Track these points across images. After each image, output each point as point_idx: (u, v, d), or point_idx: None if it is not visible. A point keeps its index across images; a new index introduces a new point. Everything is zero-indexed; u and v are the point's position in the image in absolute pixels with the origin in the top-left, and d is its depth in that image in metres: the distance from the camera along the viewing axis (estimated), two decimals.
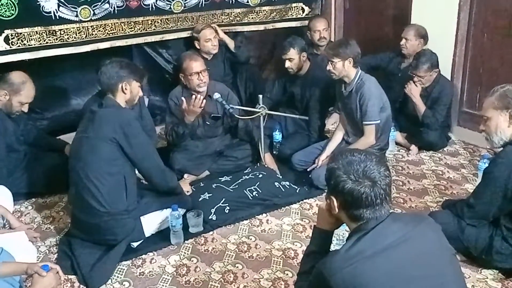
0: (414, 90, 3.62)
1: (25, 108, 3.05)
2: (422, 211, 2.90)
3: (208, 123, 3.34)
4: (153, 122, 3.56)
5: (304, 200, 3.08)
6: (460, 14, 3.78)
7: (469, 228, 2.35)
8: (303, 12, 4.67)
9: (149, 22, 3.88)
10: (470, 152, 3.74)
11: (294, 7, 4.60)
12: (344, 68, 3.11)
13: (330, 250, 1.78)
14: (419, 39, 3.89)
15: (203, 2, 4.07)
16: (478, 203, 2.32)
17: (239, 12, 4.30)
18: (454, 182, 3.29)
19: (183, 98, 3.13)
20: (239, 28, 4.39)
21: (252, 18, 4.41)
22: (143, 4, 3.79)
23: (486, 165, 2.86)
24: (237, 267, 2.47)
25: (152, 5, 3.83)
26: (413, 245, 1.47)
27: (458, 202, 2.51)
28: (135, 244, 2.61)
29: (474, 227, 2.35)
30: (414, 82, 3.60)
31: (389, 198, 1.52)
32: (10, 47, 3.32)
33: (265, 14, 4.45)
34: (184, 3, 3.98)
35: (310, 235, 1.87)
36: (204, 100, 3.10)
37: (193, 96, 3.09)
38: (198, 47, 3.98)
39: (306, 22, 4.53)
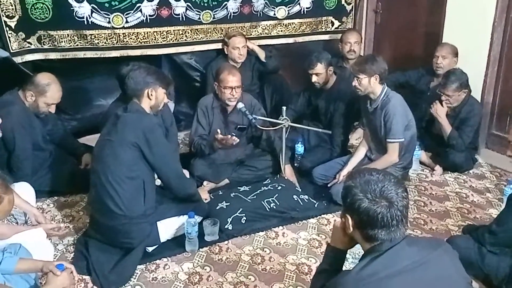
0: (440, 110, 3.54)
1: (52, 109, 3.12)
2: (442, 234, 2.83)
3: (234, 134, 3.35)
4: (176, 127, 3.59)
5: (322, 215, 3.05)
6: (493, 34, 3.70)
7: (490, 255, 2.28)
8: (332, 25, 4.68)
9: (180, 32, 3.94)
10: (496, 176, 3.64)
11: (324, 20, 4.61)
12: (370, 85, 3.08)
13: (343, 269, 1.76)
14: (454, 58, 3.82)
15: (232, 14, 4.12)
16: (501, 230, 2.25)
17: (267, 25, 4.33)
18: (478, 206, 3.20)
19: (218, 130, 3.16)
20: (268, 42, 4.42)
21: (282, 31, 4.44)
22: (174, 13, 3.86)
23: None
24: (250, 279, 2.45)
25: (182, 14, 3.90)
26: (428, 270, 1.44)
27: (479, 227, 2.43)
28: (150, 249, 2.62)
29: (496, 255, 2.27)
30: (441, 101, 3.53)
31: (406, 220, 1.49)
32: (42, 46, 3.43)
33: (294, 27, 4.47)
34: (213, 14, 4.04)
35: None
36: (238, 140, 3.13)
37: (229, 136, 3.11)
38: (226, 52, 4.02)
39: (336, 35, 4.53)
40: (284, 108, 3.35)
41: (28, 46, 3.40)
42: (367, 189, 1.48)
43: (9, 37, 3.30)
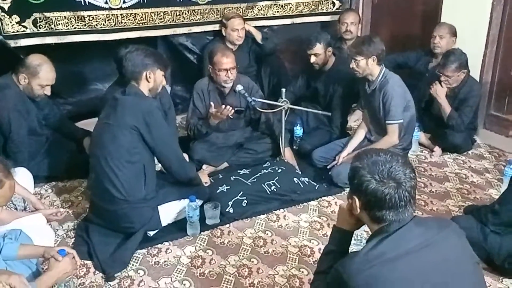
0: (439, 91, 3.53)
1: (47, 91, 3.05)
2: (443, 215, 2.84)
3: (231, 116, 3.32)
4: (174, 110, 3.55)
5: (323, 198, 3.04)
6: (492, 14, 3.66)
7: (493, 235, 2.29)
8: (333, 6, 4.60)
9: (177, 13, 3.88)
10: (495, 156, 3.64)
11: (325, 1, 4.53)
12: (368, 66, 3.05)
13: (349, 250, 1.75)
14: (453, 37, 3.79)
15: None
16: (504, 210, 2.26)
17: (263, 6, 4.26)
18: (477, 187, 3.21)
19: (212, 103, 3.12)
20: (265, 22, 4.34)
21: (278, 11, 4.36)
22: None
23: None
24: (252, 261, 2.45)
25: None
26: (436, 250, 1.44)
27: (482, 207, 2.44)
28: (151, 233, 2.61)
29: (498, 235, 2.28)
30: (440, 82, 3.51)
31: (413, 201, 1.48)
32: (38, 30, 3.35)
33: (291, 7, 4.39)
34: None
35: (327, 233, 1.85)
36: (233, 111, 3.09)
37: (223, 106, 3.07)
38: (224, 34, 3.97)
39: (336, 16, 4.46)
40: (283, 90, 3.32)
41: (24, 30, 3.31)
42: (374, 170, 1.47)
43: (1, 19, 3.22)
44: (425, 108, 3.80)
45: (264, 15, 4.31)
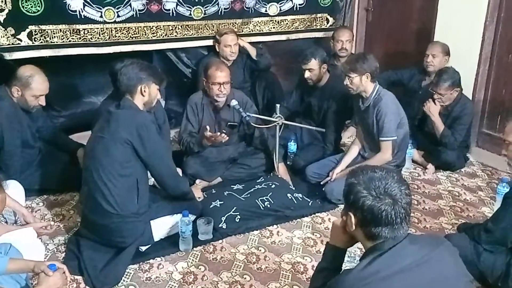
0: (433, 108, 3.55)
1: (42, 101, 3.03)
2: (436, 233, 2.83)
3: (225, 131, 3.32)
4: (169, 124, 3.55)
5: (316, 214, 3.03)
6: (485, 33, 3.71)
7: (486, 253, 2.28)
8: (327, 23, 4.64)
9: (170, 28, 3.89)
10: (488, 174, 3.66)
11: (319, 17, 4.58)
12: (361, 83, 3.07)
13: (342, 268, 1.74)
14: (445, 56, 3.84)
15: (223, 10, 4.07)
16: (497, 228, 2.25)
17: (259, 22, 4.29)
18: (470, 205, 3.21)
19: (207, 127, 3.11)
20: (261, 38, 4.37)
21: (274, 27, 4.39)
22: (164, 8, 3.81)
23: (506, 189, 2.82)
24: (245, 278, 2.43)
25: (172, 10, 3.85)
26: (429, 268, 1.43)
27: (475, 226, 2.44)
28: (143, 248, 2.58)
29: (491, 253, 2.27)
30: (434, 100, 3.54)
31: (409, 218, 1.49)
32: (33, 43, 3.35)
33: (287, 24, 4.43)
34: (204, 10, 3.99)
35: (321, 250, 1.84)
36: (227, 138, 3.09)
37: (218, 133, 3.07)
38: (217, 50, 3.98)
39: (329, 33, 4.51)
40: (278, 105, 3.33)
41: (18, 43, 3.31)
42: (371, 186, 1.46)
43: None
44: (419, 125, 3.82)
45: (260, 31, 4.34)
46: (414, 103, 3.80)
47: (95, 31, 3.55)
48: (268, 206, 2.94)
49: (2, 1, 3.18)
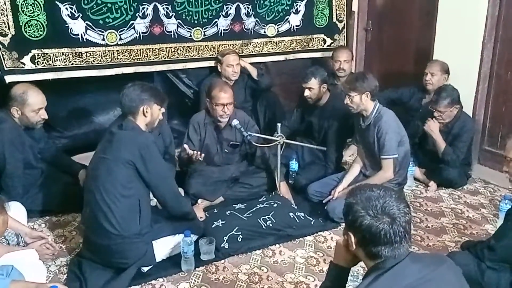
0: (433, 126, 3.57)
1: (44, 115, 3.06)
2: (440, 251, 2.82)
3: (227, 150, 3.33)
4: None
5: (319, 233, 3.02)
6: (483, 52, 3.76)
7: (490, 271, 2.26)
8: (324, 43, 4.70)
9: (172, 49, 3.95)
10: (490, 191, 3.65)
11: (316, 38, 4.64)
12: (362, 102, 3.10)
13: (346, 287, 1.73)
14: (444, 74, 3.87)
15: (222, 32, 4.14)
16: (500, 246, 2.23)
17: (258, 43, 4.35)
18: (473, 222, 3.20)
19: (185, 145, 3.16)
20: (260, 59, 4.42)
21: (272, 48, 4.45)
22: (166, 30, 3.87)
23: (508, 206, 2.81)
24: None
25: (174, 32, 3.91)
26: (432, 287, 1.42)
27: (478, 243, 2.42)
28: (145, 269, 2.57)
29: (495, 271, 2.25)
30: (434, 117, 3.56)
31: (409, 236, 1.48)
32: (36, 66, 3.40)
33: (284, 44, 4.49)
34: (204, 31, 4.05)
35: (324, 269, 1.83)
36: (202, 155, 3.11)
37: (196, 152, 3.09)
38: (219, 70, 4.03)
39: (328, 53, 4.56)
40: (279, 124, 3.35)
41: (22, 67, 3.35)
42: (368, 206, 1.47)
43: (2, 55, 3.26)
44: (420, 143, 3.84)
45: (259, 51, 4.40)
46: (415, 121, 3.82)
47: (97, 54, 3.61)
48: (270, 225, 2.94)
49: (6, 26, 3.23)
